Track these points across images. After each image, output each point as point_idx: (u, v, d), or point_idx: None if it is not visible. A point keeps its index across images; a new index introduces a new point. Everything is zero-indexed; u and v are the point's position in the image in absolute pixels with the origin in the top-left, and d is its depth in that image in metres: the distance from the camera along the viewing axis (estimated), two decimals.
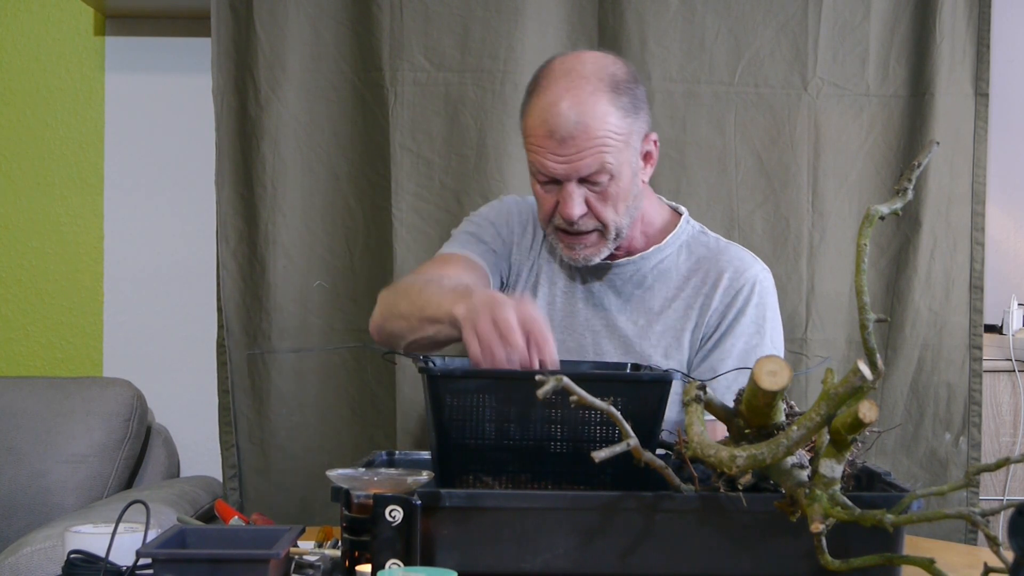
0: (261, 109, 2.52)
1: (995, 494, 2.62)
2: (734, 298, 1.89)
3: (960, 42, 2.56)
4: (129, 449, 2.66)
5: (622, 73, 1.82)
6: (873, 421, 1.19)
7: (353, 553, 1.27)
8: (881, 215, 1.27)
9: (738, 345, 1.87)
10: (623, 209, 1.84)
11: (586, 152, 1.76)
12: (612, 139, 1.77)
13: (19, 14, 2.93)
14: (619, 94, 1.79)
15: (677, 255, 1.94)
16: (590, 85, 1.78)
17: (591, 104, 1.76)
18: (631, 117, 1.80)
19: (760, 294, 1.90)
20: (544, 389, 1.23)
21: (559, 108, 1.76)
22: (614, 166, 1.79)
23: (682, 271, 1.93)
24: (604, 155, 1.77)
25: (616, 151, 1.78)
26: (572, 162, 1.77)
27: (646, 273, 1.93)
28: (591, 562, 1.32)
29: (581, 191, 1.79)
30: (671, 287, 1.92)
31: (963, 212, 2.58)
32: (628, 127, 1.80)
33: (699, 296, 1.90)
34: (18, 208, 2.94)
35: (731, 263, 1.91)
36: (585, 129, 1.75)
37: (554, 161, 1.77)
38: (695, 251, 1.94)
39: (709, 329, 1.89)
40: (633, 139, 1.82)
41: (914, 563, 1.24)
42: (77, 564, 1.36)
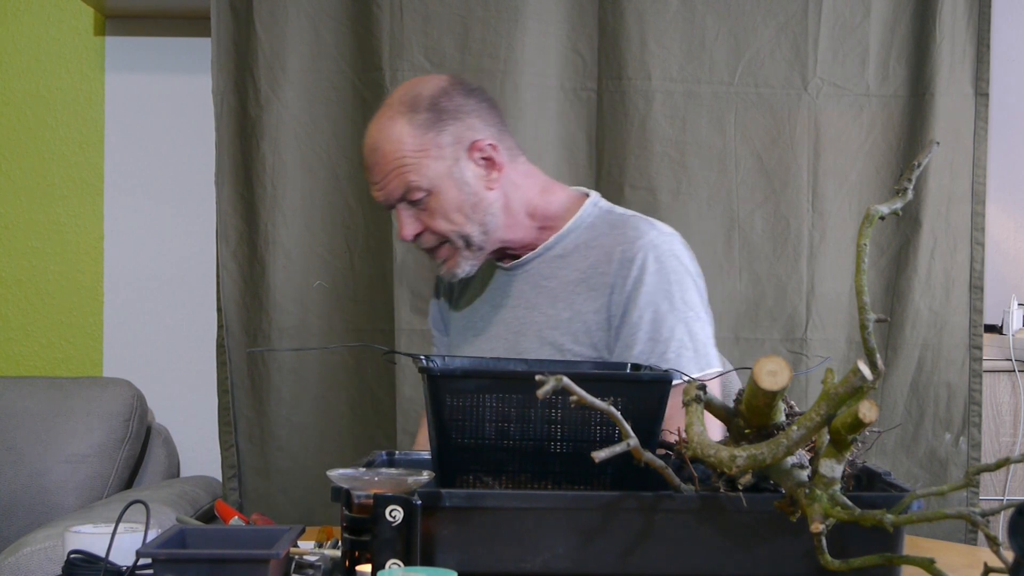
0: (261, 109, 2.52)
1: (995, 494, 2.62)
2: (628, 269, 1.83)
3: (960, 42, 2.56)
4: (129, 449, 2.66)
5: (429, 90, 1.85)
6: (873, 421, 1.19)
7: (353, 553, 1.27)
8: (881, 215, 1.27)
9: (646, 316, 1.81)
10: (461, 219, 1.84)
11: (389, 176, 1.82)
12: (410, 158, 1.81)
13: (19, 14, 2.94)
14: (416, 112, 1.83)
15: (579, 239, 1.90)
16: (390, 110, 1.85)
17: (386, 129, 1.83)
18: (433, 131, 1.82)
19: (658, 259, 1.83)
20: (544, 389, 1.23)
21: (368, 139, 1.86)
22: (424, 182, 1.81)
23: (583, 254, 1.89)
24: (406, 175, 1.81)
25: (420, 168, 1.81)
26: (382, 188, 1.83)
27: (548, 263, 1.91)
28: (591, 562, 1.32)
29: (410, 212, 1.84)
30: (575, 271, 1.88)
31: (963, 212, 2.58)
32: (430, 141, 1.82)
33: (598, 275, 1.86)
34: (18, 208, 2.94)
35: (624, 234, 1.87)
36: (383, 155, 1.82)
37: (373, 190, 1.86)
38: (598, 231, 1.90)
39: (616, 307, 1.83)
40: (444, 151, 1.83)
41: (914, 563, 1.24)
42: (77, 564, 1.36)
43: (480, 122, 1.87)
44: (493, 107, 1.91)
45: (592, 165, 2.59)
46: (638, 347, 1.80)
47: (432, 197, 1.82)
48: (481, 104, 1.89)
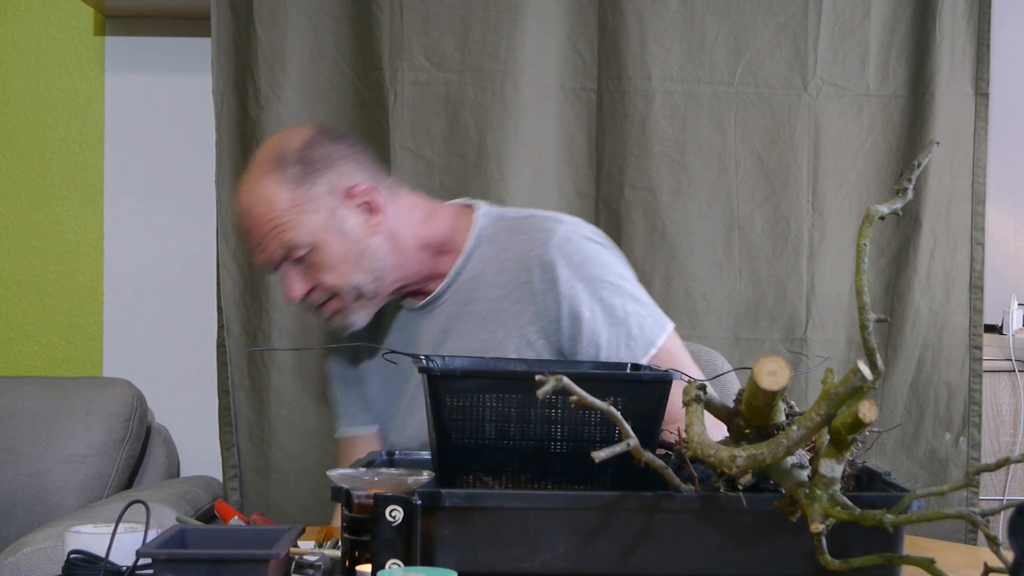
0: (261, 109, 2.52)
1: (995, 494, 2.62)
2: (553, 271, 1.78)
3: (960, 42, 2.56)
4: (129, 449, 2.66)
5: (295, 143, 1.80)
6: (873, 421, 1.19)
7: (353, 553, 1.27)
8: (881, 215, 1.27)
9: (596, 307, 1.79)
10: (349, 269, 1.78)
11: (267, 237, 1.76)
12: (286, 215, 1.75)
13: (19, 14, 2.94)
14: (285, 167, 1.77)
15: (482, 255, 1.85)
16: (258, 170, 1.79)
17: (257, 190, 1.77)
18: (305, 184, 1.77)
19: (577, 251, 1.80)
20: (544, 389, 1.23)
21: (239, 205, 1.80)
22: (304, 237, 1.76)
23: (495, 268, 1.83)
24: (284, 234, 1.75)
25: (297, 224, 1.75)
26: (262, 251, 1.78)
27: (463, 288, 1.85)
28: (591, 562, 1.32)
29: (296, 271, 1.78)
30: (496, 288, 1.83)
31: (963, 212, 2.58)
32: (303, 195, 1.76)
33: (520, 285, 1.81)
34: (18, 208, 2.94)
35: (532, 238, 1.81)
36: (257, 217, 1.77)
37: (253, 255, 1.81)
38: (499, 241, 1.84)
39: (553, 310, 1.79)
40: (320, 203, 1.77)
41: (914, 563, 1.24)
42: (77, 564, 1.36)
43: (353, 167, 1.81)
44: (365, 149, 1.86)
45: (592, 165, 2.59)
46: (604, 338, 1.78)
47: (315, 252, 1.76)
48: (352, 148, 1.83)
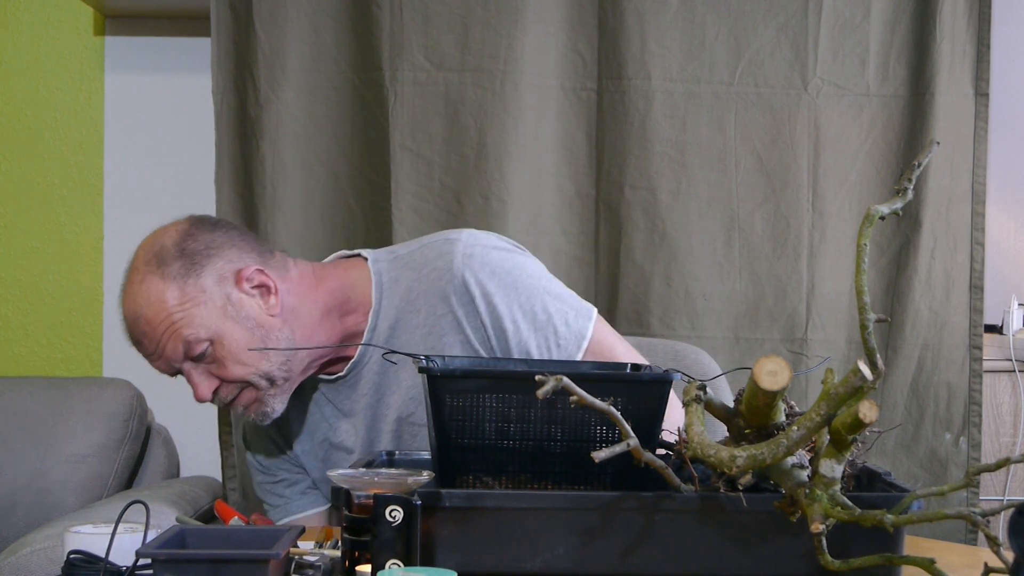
0: (261, 109, 2.52)
1: (995, 494, 2.62)
2: (466, 292, 1.76)
3: (960, 42, 2.56)
4: (129, 449, 2.66)
5: (172, 239, 1.76)
6: (873, 421, 1.19)
7: (353, 553, 1.27)
8: (881, 215, 1.27)
9: (516, 315, 1.76)
10: (256, 358, 1.73)
11: (163, 340, 1.71)
12: (177, 313, 1.70)
13: (19, 14, 2.93)
14: (166, 265, 1.73)
15: (390, 301, 1.80)
16: (138, 274, 1.75)
17: (142, 294, 1.73)
18: (191, 277, 1.72)
19: (482, 264, 1.77)
20: (544, 389, 1.23)
21: (125, 313, 1.76)
22: (202, 332, 1.70)
23: (408, 310, 1.79)
24: (180, 332, 1.70)
25: (191, 319, 1.70)
26: (160, 355, 1.73)
27: (386, 338, 1.79)
28: (591, 562, 1.32)
29: (199, 369, 1.73)
30: (417, 330, 1.79)
31: (963, 212, 2.58)
32: (192, 288, 1.71)
33: (439, 317, 1.77)
34: (18, 208, 2.94)
35: (435, 267, 1.78)
36: (148, 321, 1.72)
37: (152, 361, 1.75)
38: (401, 282, 1.80)
39: (480, 332, 1.77)
40: (210, 294, 1.72)
41: (914, 563, 1.24)
42: (77, 564, 1.36)
43: (236, 251, 1.76)
44: (243, 232, 1.83)
45: (592, 165, 2.59)
46: (532, 344, 1.77)
47: (216, 346, 1.71)
48: (230, 233, 1.79)
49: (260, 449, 1.95)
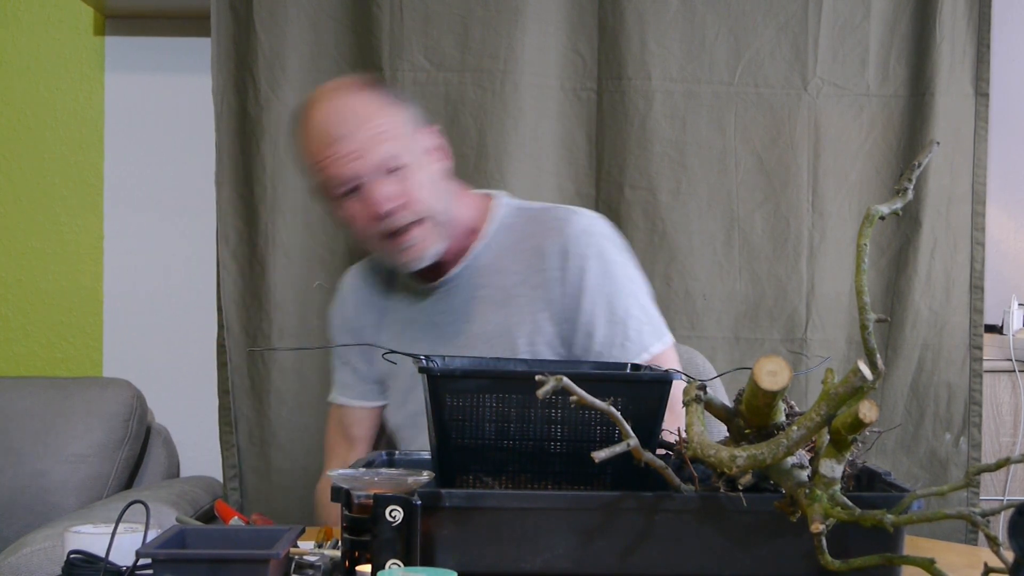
0: (261, 109, 2.52)
1: (995, 494, 2.62)
2: (567, 261, 1.83)
3: (960, 42, 2.56)
4: (129, 449, 2.66)
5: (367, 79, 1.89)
6: (873, 421, 1.19)
7: (353, 553, 1.27)
8: (881, 215, 1.27)
9: (599, 301, 1.82)
10: (431, 193, 1.80)
11: (366, 144, 1.76)
12: (385, 125, 1.78)
13: (19, 14, 2.94)
14: (376, 90, 1.83)
15: (500, 241, 1.88)
16: (347, 90, 1.82)
17: (353, 102, 1.79)
18: (396, 106, 1.82)
19: (593, 244, 1.84)
20: (544, 389, 1.23)
21: (328, 115, 1.78)
22: (402, 151, 1.77)
23: (512, 255, 1.86)
24: (384, 143, 1.76)
25: (395, 136, 1.78)
26: (359, 157, 1.75)
27: (478, 273, 1.87)
28: (591, 562, 1.32)
29: (386, 183, 1.76)
30: (511, 275, 1.86)
31: (963, 212, 2.58)
32: (397, 114, 1.81)
33: (536, 273, 1.84)
34: (18, 208, 2.94)
35: (552, 228, 1.86)
36: (356, 124, 1.77)
37: (342, 164, 1.76)
38: (518, 229, 1.88)
39: (565, 297, 1.83)
40: (408, 127, 1.81)
41: (914, 563, 1.24)
42: (77, 564, 1.36)
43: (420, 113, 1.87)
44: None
45: (592, 165, 2.59)
46: (599, 332, 1.81)
47: (411, 171, 1.77)
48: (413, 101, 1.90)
49: (345, 327, 2.00)
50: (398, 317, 1.94)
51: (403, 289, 1.95)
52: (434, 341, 1.88)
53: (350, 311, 2.01)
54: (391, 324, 1.95)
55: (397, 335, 1.93)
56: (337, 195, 1.79)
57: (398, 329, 1.94)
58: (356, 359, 2.00)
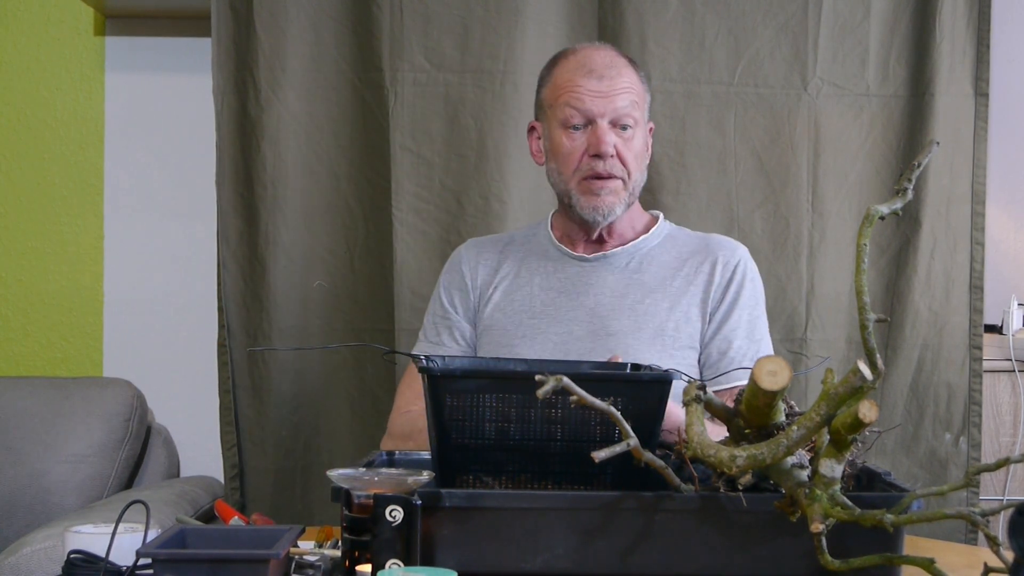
0: (261, 109, 2.52)
1: (995, 494, 2.62)
2: (733, 273, 2.01)
3: (960, 42, 2.56)
4: (129, 449, 2.66)
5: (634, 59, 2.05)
6: (873, 421, 1.19)
7: (353, 553, 1.27)
8: (881, 215, 1.27)
9: (744, 316, 2.00)
10: (640, 165, 1.99)
11: (621, 90, 1.94)
12: (635, 91, 1.96)
13: (19, 14, 2.93)
14: (636, 66, 2.01)
15: (663, 245, 2.06)
16: (614, 51, 2.01)
17: (621, 61, 1.98)
18: (645, 84, 2.01)
19: (752, 271, 2.05)
20: (544, 389, 1.23)
21: (595, 55, 1.97)
22: (638, 114, 1.96)
23: (673, 256, 2.04)
24: (633, 98, 1.95)
25: (638, 104, 1.97)
26: (609, 96, 1.93)
27: (637, 258, 2.03)
28: (591, 562, 1.32)
29: (612, 133, 1.94)
30: (666, 268, 2.02)
31: (963, 212, 2.58)
32: (645, 90, 2.00)
33: (699, 274, 2.01)
34: (18, 208, 2.94)
35: (720, 245, 2.06)
36: (620, 70, 1.96)
37: (591, 97, 1.93)
38: (679, 242, 2.07)
39: (715, 303, 1.99)
40: (646, 106, 2.01)
41: (914, 563, 1.24)
42: (77, 564, 1.36)
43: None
44: None
45: None
46: (737, 343, 1.98)
47: (636, 130, 1.96)
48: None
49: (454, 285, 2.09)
50: (531, 280, 2.04)
51: (538, 256, 2.06)
52: (574, 307, 2.00)
53: (463, 268, 2.09)
54: (522, 285, 2.04)
55: (529, 295, 2.02)
56: (568, 123, 1.95)
57: (531, 291, 2.03)
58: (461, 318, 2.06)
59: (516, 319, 2.01)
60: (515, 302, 2.03)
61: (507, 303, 2.03)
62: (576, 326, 1.98)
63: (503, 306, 2.03)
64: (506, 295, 2.04)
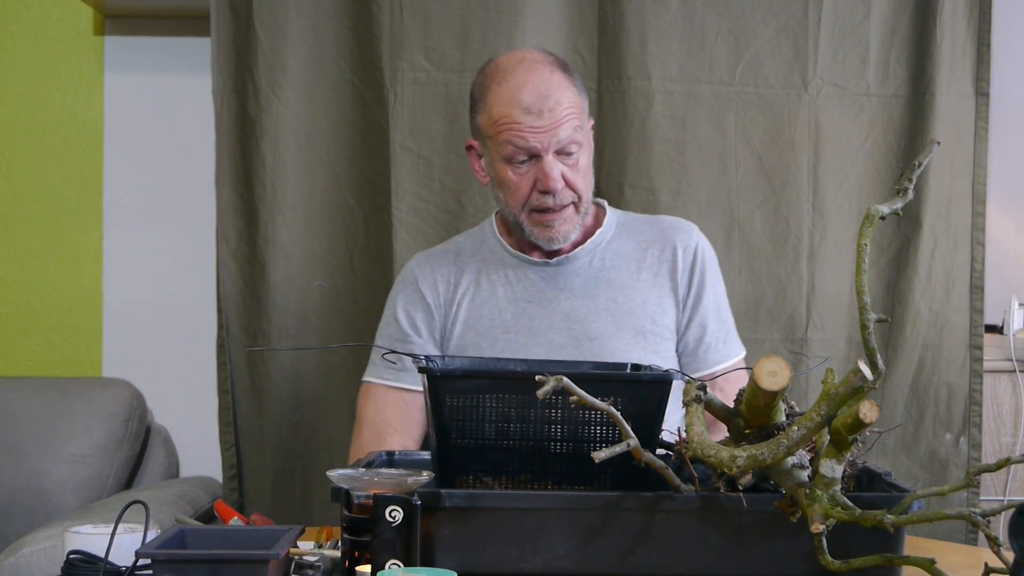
0: (261, 109, 2.52)
1: (995, 494, 2.62)
2: (695, 257, 2.02)
3: (960, 42, 2.56)
4: (129, 449, 2.66)
5: (564, 61, 1.98)
6: (873, 421, 1.19)
7: (353, 553, 1.27)
8: (881, 215, 1.27)
9: (711, 298, 2.02)
10: (589, 182, 1.95)
11: (562, 120, 1.87)
12: (575, 111, 1.90)
13: (19, 14, 2.93)
14: (570, 74, 1.94)
15: (619, 236, 2.04)
16: (546, 68, 1.91)
17: (555, 81, 1.90)
18: (582, 95, 1.94)
19: (709, 249, 2.06)
20: (544, 389, 1.23)
21: (529, 86, 1.88)
22: (581, 136, 1.91)
23: (632, 247, 2.03)
24: (574, 124, 1.89)
25: (581, 123, 1.91)
26: (551, 130, 1.87)
27: (599, 255, 2.01)
28: (591, 562, 1.32)
29: (557, 163, 1.89)
30: (629, 260, 2.01)
31: (963, 212, 2.57)
32: (582, 103, 1.94)
33: (662, 263, 2.01)
34: (18, 208, 2.94)
35: (676, 229, 2.06)
36: (557, 101, 1.87)
37: (533, 134, 1.87)
38: (634, 228, 2.06)
39: (684, 290, 2.01)
40: (586, 114, 1.95)
41: (914, 563, 1.24)
42: (76, 564, 1.36)
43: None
44: None
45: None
46: (711, 327, 2.01)
47: (582, 152, 1.92)
48: None
49: (414, 306, 2.04)
50: (494, 291, 2.00)
51: (495, 264, 2.02)
52: (548, 315, 1.97)
53: (420, 286, 2.04)
54: (486, 298, 2.00)
55: (496, 308, 1.99)
56: (511, 159, 1.90)
57: (497, 303, 2.00)
58: (425, 340, 2.02)
59: (490, 335, 1.97)
60: (483, 317, 1.99)
61: (475, 319, 1.99)
62: (555, 335, 1.95)
63: (471, 323, 1.99)
64: (472, 311, 2.00)
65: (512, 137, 1.87)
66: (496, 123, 1.89)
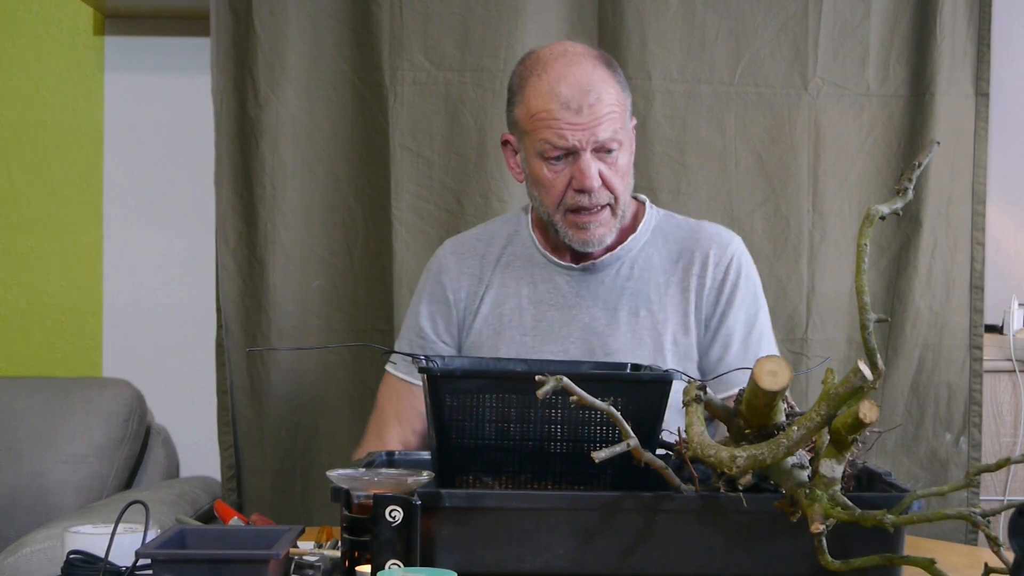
0: (261, 109, 2.52)
1: (995, 494, 2.62)
2: (726, 274, 1.93)
3: (960, 42, 2.56)
4: (128, 449, 2.66)
5: (608, 56, 1.91)
6: (873, 421, 1.19)
7: (353, 553, 1.27)
8: (881, 215, 1.27)
9: (740, 317, 1.91)
10: (628, 184, 1.88)
11: (602, 118, 1.80)
12: (617, 108, 1.83)
13: (19, 14, 2.93)
14: (614, 70, 1.87)
15: (653, 242, 1.96)
16: (589, 62, 1.84)
17: (597, 76, 1.82)
18: (625, 93, 1.88)
19: (747, 265, 1.96)
20: (544, 389, 1.23)
21: (569, 80, 1.81)
22: (622, 135, 1.84)
23: (664, 256, 1.94)
24: (615, 122, 1.82)
25: (622, 121, 1.84)
26: (590, 127, 1.80)
27: (628, 265, 1.94)
28: (591, 562, 1.32)
29: (595, 162, 1.82)
30: (658, 272, 1.93)
31: (963, 212, 2.58)
32: (624, 101, 1.87)
33: (691, 277, 1.92)
34: (18, 208, 2.94)
35: (712, 240, 1.96)
36: (598, 97, 1.80)
37: (571, 130, 1.80)
38: (670, 234, 1.97)
39: (709, 308, 1.92)
40: (628, 115, 1.89)
41: (914, 563, 1.24)
42: (76, 564, 1.36)
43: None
44: None
45: None
46: (735, 347, 1.90)
47: (622, 152, 1.84)
48: None
49: (436, 299, 1.99)
50: (518, 290, 1.95)
51: (522, 262, 1.96)
52: (567, 323, 1.92)
53: (444, 279, 1.99)
54: (509, 296, 1.95)
55: (517, 308, 1.94)
56: (547, 156, 1.83)
57: (519, 303, 1.95)
58: (441, 335, 1.98)
59: (507, 335, 1.94)
60: (503, 316, 1.95)
61: (495, 317, 1.95)
62: (572, 345, 1.90)
63: (491, 321, 1.95)
64: (493, 308, 1.96)
65: (549, 134, 1.80)
66: (533, 117, 1.83)
